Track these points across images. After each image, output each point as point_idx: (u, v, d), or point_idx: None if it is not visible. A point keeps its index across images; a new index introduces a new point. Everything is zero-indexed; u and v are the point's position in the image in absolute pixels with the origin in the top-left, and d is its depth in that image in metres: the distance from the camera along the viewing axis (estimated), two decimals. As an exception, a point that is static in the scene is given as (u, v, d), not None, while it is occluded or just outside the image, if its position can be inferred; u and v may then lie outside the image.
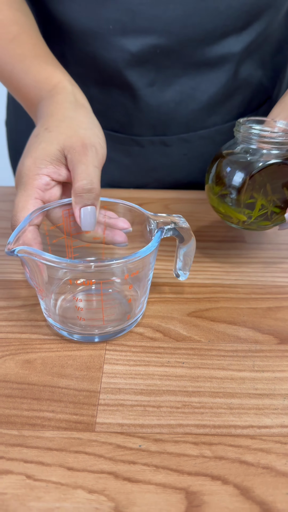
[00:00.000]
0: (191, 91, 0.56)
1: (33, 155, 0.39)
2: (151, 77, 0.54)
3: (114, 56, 0.52)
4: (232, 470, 0.29)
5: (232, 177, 0.41)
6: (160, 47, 0.51)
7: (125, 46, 0.51)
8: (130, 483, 0.28)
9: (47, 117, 0.41)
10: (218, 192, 0.43)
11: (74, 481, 0.28)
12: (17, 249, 0.32)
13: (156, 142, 0.61)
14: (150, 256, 0.35)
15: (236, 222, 0.44)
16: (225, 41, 0.52)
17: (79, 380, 0.35)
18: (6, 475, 0.28)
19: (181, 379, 0.35)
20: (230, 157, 0.43)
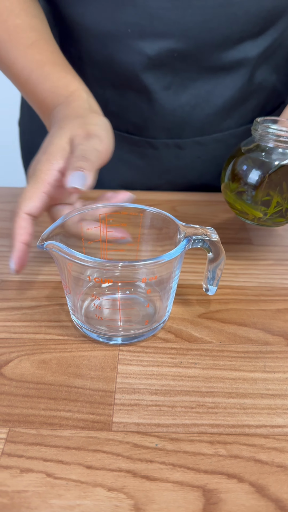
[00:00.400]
0: (207, 95, 0.57)
1: (47, 151, 0.40)
2: (167, 81, 0.55)
3: (132, 59, 0.53)
4: (247, 469, 0.30)
5: (250, 175, 0.43)
6: (177, 51, 0.52)
7: (142, 49, 0.52)
8: (148, 481, 0.29)
9: (62, 118, 0.42)
10: (234, 189, 0.44)
11: (93, 479, 0.29)
12: (46, 243, 0.33)
13: (171, 145, 0.61)
14: (172, 262, 0.35)
15: (252, 218, 0.45)
16: (241, 46, 0.53)
17: (94, 380, 0.35)
18: (26, 473, 0.29)
19: (195, 380, 0.36)
20: (248, 155, 0.44)
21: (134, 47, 0.52)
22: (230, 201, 0.46)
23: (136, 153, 0.63)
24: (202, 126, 0.60)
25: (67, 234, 0.38)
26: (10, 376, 0.35)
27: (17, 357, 0.37)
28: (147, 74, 0.54)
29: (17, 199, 0.39)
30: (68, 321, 0.41)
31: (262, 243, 0.54)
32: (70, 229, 0.39)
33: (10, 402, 0.33)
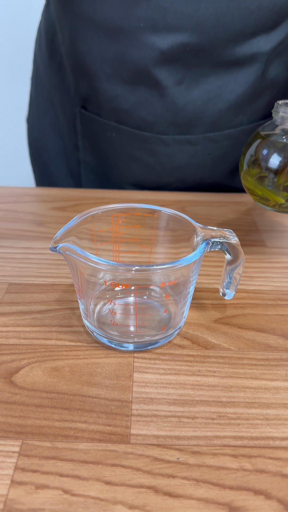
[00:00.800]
0: (219, 91, 0.56)
1: None
2: (179, 76, 0.54)
3: (144, 54, 0.51)
4: (274, 484, 0.28)
5: (271, 159, 0.42)
6: (190, 45, 0.51)
7: (155, 44, 0.51)
8: (171, 498, 0.27)
9: None
10: (255, 174, 0.43)
11: (113, 496, 0.27)
12: (59, 246, 0.32)
13: (182, 141, 0.60)
14: (190, 267, 0.34)
15: (273, 204, 0.44)
16: (255, 40, 0.52)
17: (110, 389, 0.34)
18: (42, 489, 0.27)
19: (214, 389, 0.34)
20: (269, 139, 0.43)
21: (146, 42, 0.51)
22: (250, 187, 0.45)
23: (146, 150, 0.62)
24: (213, 122, 0.59)
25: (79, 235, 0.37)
26: (21, 385, 0.34)
27: (28, 364, 0.36)
28: (159, 69, 0.53)
29: None
30: (80, 326, 0.40)
31: (276, 245, 0.52)
32: None
33: (22, 413, 0.32)
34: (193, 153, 0.61)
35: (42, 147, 0.68)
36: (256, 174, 0.43)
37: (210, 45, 0.51)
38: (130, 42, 0.51)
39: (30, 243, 0.51)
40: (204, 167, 0.63)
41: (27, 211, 0.57)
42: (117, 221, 0.40)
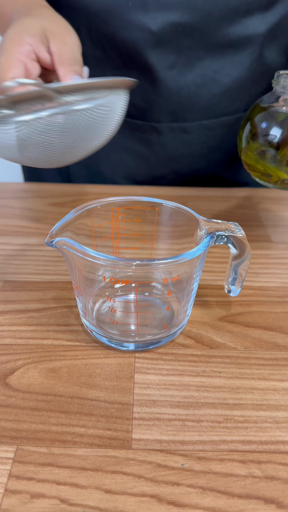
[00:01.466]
0: (214, 74, 0.54)
1: (16, 27, 0.39)
2: (171, 59, 0.52)
3: (134, 36, 0.50)
4: (286, 492, 0.26)
5: (272, 131, 0.40)
6: (182, 25, 0.49)
7: (145, 24, 0.49)
8: (175, 507, 0.25)
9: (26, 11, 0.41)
10: (256, 149, 0.41)
11: (113, 506, 0.25)
12: (56, 240, 0.31)
13: (176, 129, 0.58)
14: (194, 262, 0.32)
15: (275, 180, 0.41)
16: (249, 20, 0.51)
17: (109, 391, 0.32)
18: (38, 499, 0.26)
19: (220, 390, 0.32)
20: (269, 111, 0.41)
21: (136, 23, 0.49)
22: (251, 162, 0.43)
23: (139, 139, 0.59)
24: (208, 107, 0.57)
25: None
26: (16, 387, 0.32)
27: (23, 365, 0.34)
28: (151, 52, 0.51)
29: None
30: (78, 325, 0.38)
31: (282, 240, 0.50)
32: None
33: (17, 416, 0.30)
34: (188, 142, 0.59)
35: None
36: (257, 149, 0.41)
37: (202, 24, 0.49)
38: (120, 24, 0.50)
39: (27, 239, 0.49)
40: (200, 158, 0.61)
41: (24, 207, 0.55)
42: (117, 215, 0.39)
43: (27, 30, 0.39)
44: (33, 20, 0.40)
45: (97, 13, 0.50)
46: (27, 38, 0.38)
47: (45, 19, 0.40)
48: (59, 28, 0.40)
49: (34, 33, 0.39)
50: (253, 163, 0.42)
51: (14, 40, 0.38)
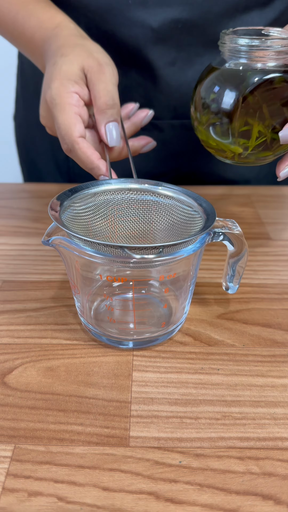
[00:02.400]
0: None
1: (58, 77, 0.39)
2: (172, 56, 0.52)
3: (134, 33, 0.50)
4: (284, 488, 0.26)
5: (221, 100, 0.35)
6: (182, 21, 0.49)
7: (145, 21, 0.49)
8: (173, 504, 0.25)
9: (59, 48, 0.42)
10: (206, 121, 0.37)
11: (111, 503, 0.25)
12: (52, 239, 0.31)
13: (177, 126, 0.58)
14: (190, 259, 0.32)
15: (231, 156, 0.38)
16: (248, 16, 0.50)
17: (107, 389, 0.32)
18: (35, 497, 0.26)
19: (218, 388, 0.32)
20: (216, 76, 0.37)
21: (136, 19, 0.49)
22: (203, 137, 0.39)
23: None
24: None
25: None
26: (14, 386, 0.32)
27: (21, 364, 0.34)
28: (151, 49, 0.51)
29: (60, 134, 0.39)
30: (76, 324, 0.38)
31: (281, 237, 0.50)
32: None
33: (15, 415, 0.30)
34: (188, 139, 0.59)
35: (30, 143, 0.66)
36: (207, 121, 0.37)
37: (202, 21, 0.49)
38: (120, 21, 0.50)
39: (25, 239, 0.49)
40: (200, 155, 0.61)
41: (22, 207, 0.55)
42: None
43: (68, 78, 0.39)
44: (69, 64, 0.40)
45: (96, 11, 0.50)
46: (71, 87, 0.39)
47: (80, 56, 0.40)
48: (94, 62, 0.40)
49: (76, 79, 0.40)
50: (204, 138, 0.38)
51: (62, 94, 0.39)
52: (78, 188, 0.36)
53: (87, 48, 0.41)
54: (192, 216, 0.35)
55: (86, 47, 0.42)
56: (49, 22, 0.45)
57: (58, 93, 0.39)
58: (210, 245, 0.47)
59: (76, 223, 0.36)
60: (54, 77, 0.39)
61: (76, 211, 0.36)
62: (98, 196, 0.37)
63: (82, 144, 0.38)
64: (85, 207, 0.37)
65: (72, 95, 0.39)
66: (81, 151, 0.38)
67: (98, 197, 0.37)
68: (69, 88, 0.39)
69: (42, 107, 0.42)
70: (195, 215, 0.35)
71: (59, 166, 0.64)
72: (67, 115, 0.38)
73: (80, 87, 0.39)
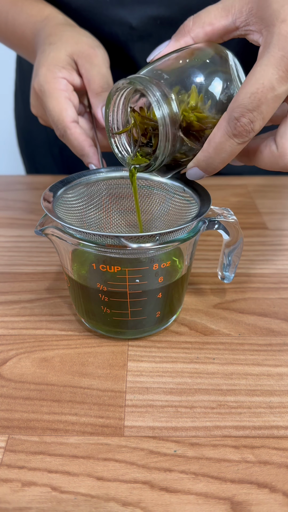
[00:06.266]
0: None
1: (45, 64, 0.39)
2: None
3: (115, 31, 0.50)
4: (279, 476, 0.26)
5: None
6: (160, 18, 0.49)
7: (124, 19, 0.49)
8: (167, 493, 0.25)
9: (47, 37, 0.41)
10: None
11: (105, 493, 0.25)
12: (45, 228, 0.31)
13: None
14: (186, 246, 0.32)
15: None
16: None
17: (102, 379, 0.32)
18: (29, 487, 0.25)
19: (214, 377, 0.32)
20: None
21: (115, 18, 0.49)
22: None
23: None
24: None
25: None
26: (8, 377, 0.32)
27: (16, 355, 0.34)
28: (132, 46, 0.51)
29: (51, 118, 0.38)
30: (71, 315, 0.38)
31: (278, 227, 0.50)
32: None
33: (9, 406, 0.30)
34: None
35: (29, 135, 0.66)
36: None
37: (181, 17, 0.48)
38: (100, 19, 0.49)
39: (20, 231, 0.49)
40: None
41: (17, 199, 0.55)
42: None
43: (55, 64, 0.39)
44: (57, 51, 0.39)
45: (77, 10, 0.50)
46: (59, 73, 0.38)
47: (68, 43, 0.40)
48: (83, 47, 0.40)
49: (64, 65, 0.39)
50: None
51: (49, 80, 0.38)
52: (70, 178, 0.36)
53: (75, 34, 0.41)
54: (187, 203, 0.35)
55: (75, 33, 0.41)
56: (38, 15, 0.45)
57: (45, 79, 0.38)
58: (206, 235, 0.47)
59: (70, 214, 0.35)
60: (42, 64, 0.39)
61: (69, 202, 0.35)
62: (91, 186, 0.37)
63: (74, 129, 0.38)
64: (78, 197, 0.36)
65: (60, 80, 0.38)
66: (73, 137, 0.38)
67: (91, 187, 0.37)
68: (56, 74, 0.38)
69: (32, 96, 0.41)
70: (191, 201, 0.35)
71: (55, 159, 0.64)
72: (57, 100, 0.38)
73: (68, 72, 0.39)
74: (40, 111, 0.41)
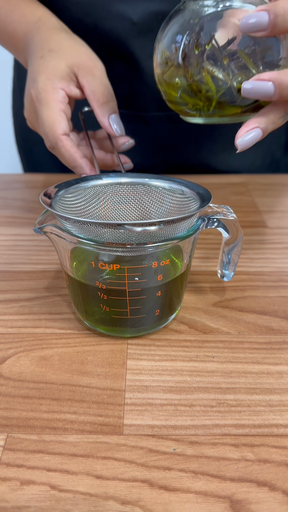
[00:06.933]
0: None
1: (45, 71, 0.39)
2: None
3: (116, 26, 0.50)
4: (279, 475, 0.26)
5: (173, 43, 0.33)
6: (162, 13, 0.49)
7: (125, 13, 0.49)
8: (167, 492, 0.25)
9: (44, 41, 0.41)
10: (167, 71, 0.34)
11: (104, 491, 0.25)
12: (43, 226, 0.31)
13: (163, 118, 0.57)
14: (185, 244, 0.31)
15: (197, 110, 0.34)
16: None
17: (101, 377, 0.32)
18: (28, 485, 0.25)
19: (213, 375, 0.32)
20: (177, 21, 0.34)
21: (116, 13, 0.49)
22: (166, 89, 0.35)
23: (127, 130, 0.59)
24: None
25: None
26: (7, 375, 0.32)
27: (15, 353, 0.34)
28: (133, 42, 0.51)
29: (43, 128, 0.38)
30: (70, 313, 0.37)
31: (278, 225, 0.50)
32: None
33: (8, 404, 0.30)
34: (176, 131, 0.58)
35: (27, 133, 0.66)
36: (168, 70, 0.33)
37: None
38: (101, 14, 0.50)
39: (19, 229, 0.49)
40: (188, 147, 0.60)
41: (16, 198, 0.55)
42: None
43: (55, 73, 0.39)
44: (58, 60, 0.40)
45: (78, 4, 0.50)
46: (58, 83, 0.38)
47: (68, 53, 0.40)
48: (83, 59, 0.40)
49: (63, 75, 0.39)
50: (168, 90, 0.35)
51: (48, 89, 0.38)
52: (68, 183, 0.36)
53: (74, 43, 0.41)
54: (186, 202, 0.35)
55: (72, 41, 0.42)
56: (31, 15, 0.45)
57: (44, 88, 0.38)
58: (205, 233, 0.47)
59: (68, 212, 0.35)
60: (41, 71, 0.39)
61: (68, 201, 0.35)
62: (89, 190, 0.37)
63: (65, 142, 0.38)
64: (76, 199, 0.36)
65: (59, 91, 0.38)
66: (65, 149, 0.38)
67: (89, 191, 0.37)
68: (55, 84, 0.38)
69: (26, 100, 0.41)
70: (190, 199, 0.34)
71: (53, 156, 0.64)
72: (52, 111, 0.38)
73: (67, 83, 0.39)
74: (31, 116, 0.41)
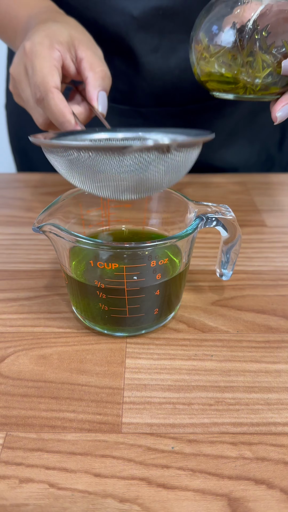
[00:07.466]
0: None
1: (45, 31, 0.38)
2: (154, 43, 0.51)
3: (116, 20, 0.50)
4: (277, 473, 0.26)
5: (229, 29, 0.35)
6: (163, 8, 0.48)
7: (126, 8, 0.49)
8: (165, 489, 0.25)
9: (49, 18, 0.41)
10: (214, 50, 0.36)
11: (102, 489, 0.25)
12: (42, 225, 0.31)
13: (161, 114, 0.57)
14: (183, 243, 0.32)
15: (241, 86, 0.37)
16: None
17: (100, 376, 0.32)
18: (26, 483, 0.25)
19: (211, 373, 0.32)
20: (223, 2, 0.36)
21: (117, 7, 0.49)
22: (208, 68, 0.37)
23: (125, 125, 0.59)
24: (193, 92, 0.55)
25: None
26: (6, 374, 0.32)
27: (14, 352, 0.34)
28: (133, 37, 0.51)
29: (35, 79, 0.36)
30: (69, 312, 0.37)
31: (276, 224, 0.50)
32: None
33: (7, 403, 0.30)
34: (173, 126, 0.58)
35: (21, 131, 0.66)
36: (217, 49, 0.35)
37: (183, 8, 0.48)
38: (101, 9, 0.49)
39: (18, 229, 0.49)
40: None
41: (16, 197, 0.55)
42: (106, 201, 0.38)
43: (56, 36, 0.38)
44: (61, 27, 0.39)
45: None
46: (56, 44, 0.37)
47: (72, 27, 0.39)
48: (86, 38, 0.40)
49: (63, 40, 0.38)
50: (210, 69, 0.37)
51: (45, 44, 0.37)
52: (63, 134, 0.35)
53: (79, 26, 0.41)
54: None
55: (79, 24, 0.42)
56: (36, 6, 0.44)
57: (41, 42, 0.37)
58: (204, 232, 0.47)
59: None
60: (41, 30, 0.38)
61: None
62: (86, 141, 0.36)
63: (56, 94, 0.36)
64: None
65: (55, 50, 0.37)
66: (54, 101, 0.36)
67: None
68: (53, 44, 0.37)
69: (17, 55, 0.39)
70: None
71: None
72: (47, 63, 0.36)
73: (65, 49, 0.38)
74: (18, 71, 0.39)
